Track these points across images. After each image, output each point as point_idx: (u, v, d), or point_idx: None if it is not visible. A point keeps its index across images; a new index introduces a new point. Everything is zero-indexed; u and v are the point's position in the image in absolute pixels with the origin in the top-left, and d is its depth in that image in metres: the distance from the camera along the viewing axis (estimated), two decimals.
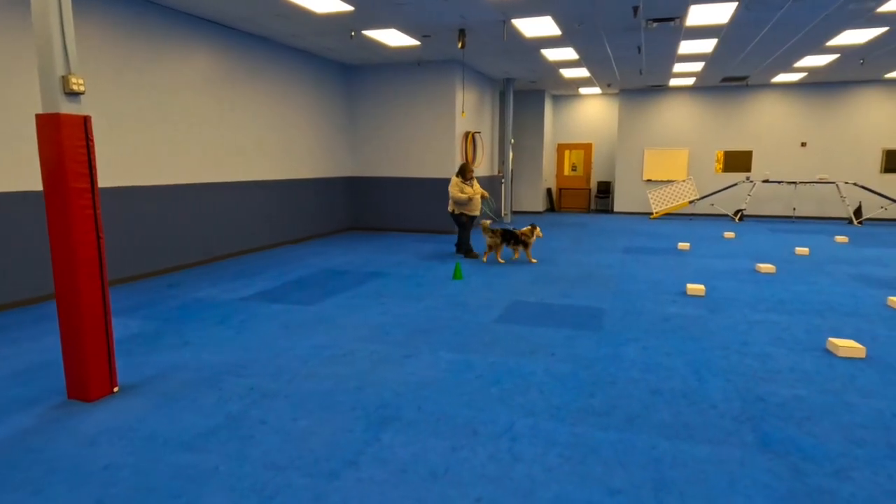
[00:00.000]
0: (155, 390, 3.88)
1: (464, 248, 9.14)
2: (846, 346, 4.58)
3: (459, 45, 9.01)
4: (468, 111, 12.49)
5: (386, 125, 12.23)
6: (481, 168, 13.51)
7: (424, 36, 9.25)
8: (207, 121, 8.41)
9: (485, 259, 8.83)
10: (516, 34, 9.10)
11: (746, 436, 3.26)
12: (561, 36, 9.25)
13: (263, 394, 3.82)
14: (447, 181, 11.89)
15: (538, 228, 8.62)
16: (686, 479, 2.81)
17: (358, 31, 8.90)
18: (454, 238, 11.40)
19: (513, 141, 14.71)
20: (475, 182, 9.05)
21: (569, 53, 10.73)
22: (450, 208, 9.06)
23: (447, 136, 11.86)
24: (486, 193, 9.22)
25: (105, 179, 6.79)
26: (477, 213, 9.08)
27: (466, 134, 12.37)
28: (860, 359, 4.51)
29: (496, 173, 14.95)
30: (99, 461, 2.98)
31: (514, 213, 16.51)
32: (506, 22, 8.31)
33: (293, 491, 2.71)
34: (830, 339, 4.79)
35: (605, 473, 2.86)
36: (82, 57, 6.11)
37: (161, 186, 7.67)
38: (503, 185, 14.63)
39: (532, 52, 10.61)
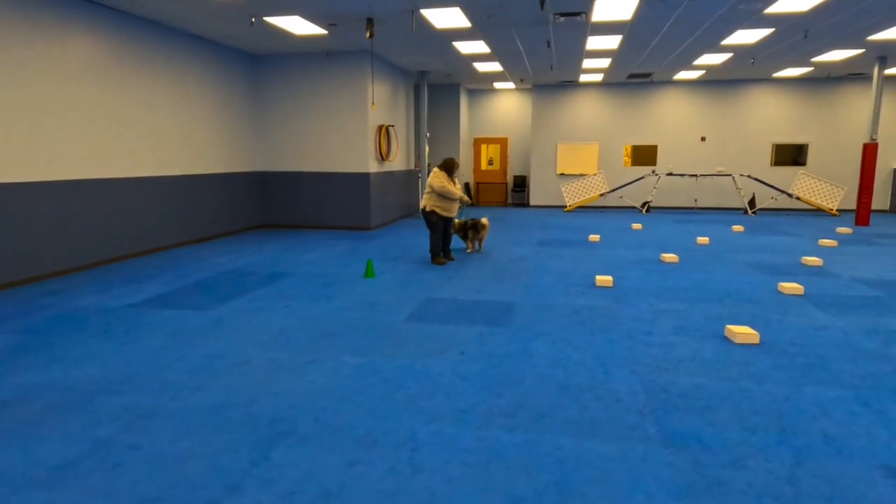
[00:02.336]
0: (8, 418, 3.39)
1: (434, 252, 8.08)
2: (742, 332, 4.75)
3: (367, 34, 8.71)
4: (381, 104, 12.19)
5: (296, 118, 11.72)
6: (397, 162, 13.27)
7: (331, 24, 8.87)
8: (90, 111, 7.65)
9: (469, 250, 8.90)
10: (426, 25, 8.91)
11: (650, 429, 3.24)
12: (471, 28, 9.16)
13: (140, 413, 3.43)
14: (361, 176, 11.59)
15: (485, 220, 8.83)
16: (589, 479, 2.74)
17: (259, 18, 8.39)
18: (370, 234, 11.12)
19: (428, 135, 14.56)
20: (458, 182, 8.30)
21: (481, 47, 10.67)
22: (423, 204, 8.00)
23: (359, 129, 11.52)
24: (466, 198, 8.24)
25: None
26: (453, 214, 8.14)
27: (380, 127, 12.08)
28: (755, 344, 4.69)
29: (413, 167, 14.75)
30: None
31: None
32: (414, 12, 8.10)
33: None
34: (728, 326, 4.95)
35: (509, 480, 2.73)
36: None
37: (34, 184, 6.89)
38: (420, 180, 14.45)
39: (444, 44, 10.47)
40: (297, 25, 8.94)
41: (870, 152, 12.44)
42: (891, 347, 4.61)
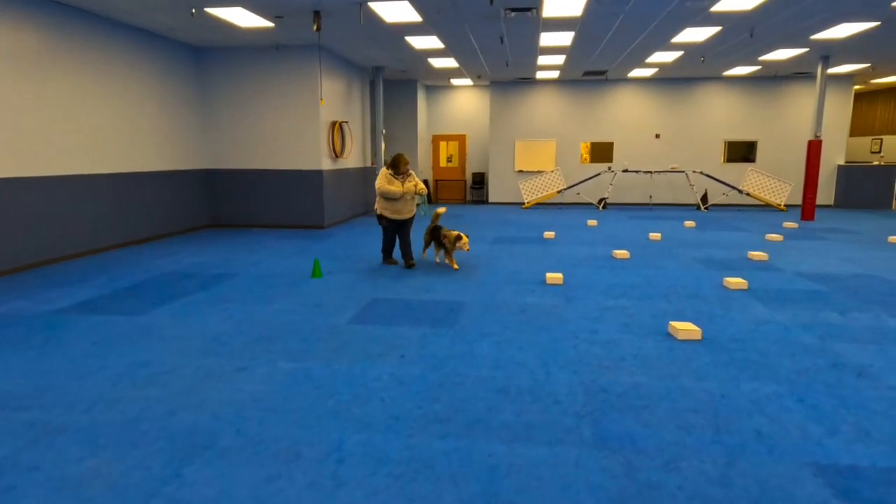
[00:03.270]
0: None
1: (385, 252, 7.77)
2: (685, 329, 4.74)
3: (315, 27, 8.47)
4: (334, 99, 11.93)
5: (245, 113, 11.36)
6: (351, 159, 13.03)
7: (277, 17, 8.59)
8: (16, 105, 7.20)
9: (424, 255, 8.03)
10: (376, 19, 8.72)
11: (585, 432, 3.17)
12: (422, 23, 9.00)
13: (47, 429, 3.18)
14: (314, 173, 11.32)
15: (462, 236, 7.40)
16: (518, 488, 2.64)
17: (199, 9, 8.06)
18: (323, 233, 10.87)
19: (384, 131, 14.34)
20: (413, 178, 7.48)
21: (434, 42, 10.53)
22: (375, 207, 7.59)
23: (312, 125, 11.24)
24: (424, 189, 7.48)
25: None
26: (408, 216, 7.48)
27: (333, 123, 11.82)
28: (697, 341, 4.69)
29: (369, 165, 14.52)
30: None
31: None
32: (362, 5, 7.90)
33: None
34: (672, 322, 4.94)
35: (435, 492, 2.61)
36: None
37: None
38: (376, 177, 14.21)
39: (397, 39, 10.29)
40: (241, 17, 8.63)
41: (814, 149, 12.80)
42: (828, 342, 4.67)
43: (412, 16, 8.55)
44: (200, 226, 11.39)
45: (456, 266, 7.43)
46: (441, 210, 7.87)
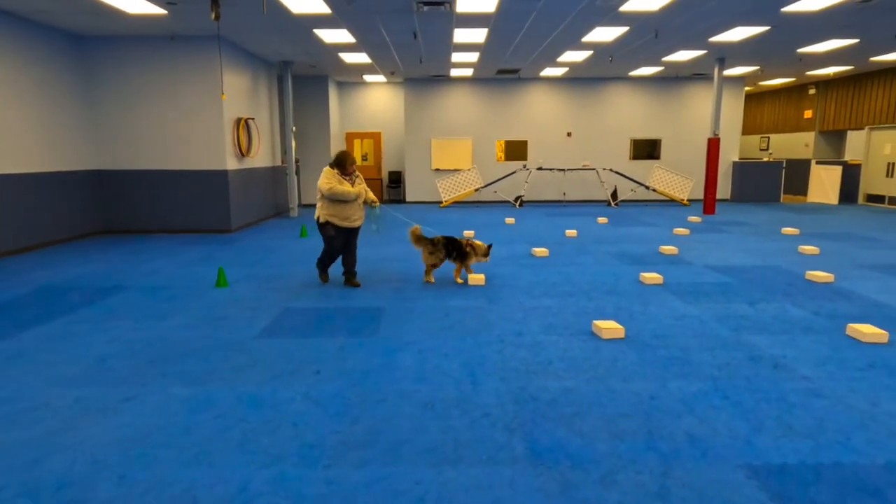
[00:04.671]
0: None
1: (322, 266, 6.68)
2: (608, 328, 4.69)
3: (213, 16, 7.81)
4: (238, 94, 11.21)
5: (138, 109, 10.39)
6: (259, 158, 12.31)
7: (170, 3, 7.86)
8: None
9: (432, 280, 6.65)
10: (282, 9, 8.19)
11: (518, 447, 2.96)
12: (332, 15, 8.57)
13: None
14: (218, 173, 10.57)
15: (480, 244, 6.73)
16: None
17: None
18: (230, 238, 10.15)
19: (294, 129, 13.69)
20: (361, 181, 6.46)
21: (345, 36, 10.10)
22: (316, 213, 6.39)
23: (214, 122, 10.47)
24: (375, 199, 6.56)
25: None
26: (358, 223, 6.46)
27: (238, 120, 11.09)
28: (621, 339, 4.64)
29: (280, 164, 13.82)
30: None
31: (304, 206, 15.52)
32: None
33: None
34: (595, 321, 4.88)
35: None
36: None
37: None
38: (287, 176, 13.56)
39: (305, 32, 9.77)
40: (128, 2, 7.83)
41: (713, 146, 13.52)
42: (742, 334, 4.78)
43: (320, 7, 8.10)
44: (89, 233, 10.32)
45: (469, 276, 6.68)
46: (418, 227, 6.73)
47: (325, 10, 8.26)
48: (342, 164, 6.28)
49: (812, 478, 2.69)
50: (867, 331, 4.57)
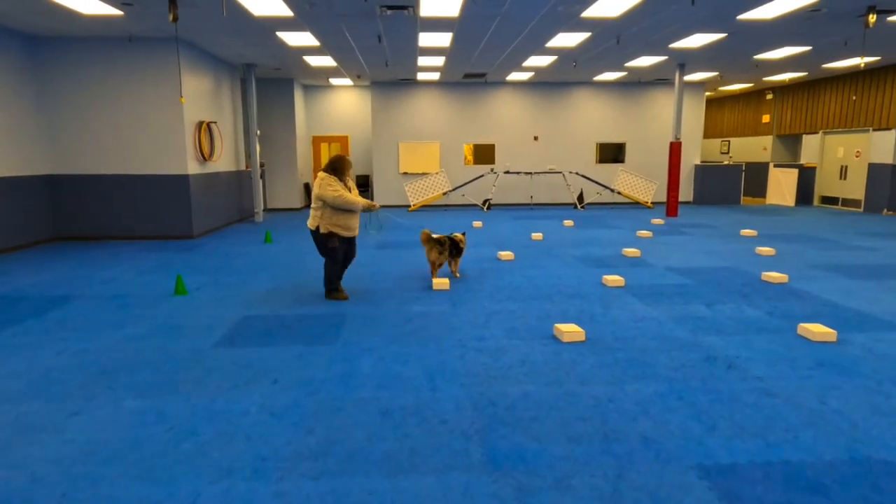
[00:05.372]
0: None
1: (332, 285, 6.09)
2: (569, 331, 4.72)
3: (171, 17, 7.63)
4: (200, 98, 10.99)
5: (95, 112, 10.10)
6: (223, 162, 12.10)
7: (126, 3, 7.67)
8: None
9: (434, 278, 6.72)
10: (242, 11, 8.06)
11: (474, 453, 2.96)
12: (294, 18, 8.47)
13: None
14: (179, 178, 10.35)
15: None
16: None
17: None
18: (192, 244, 9.93)
19: (259, 132, 13.49)
20: (353, 187, 6.11)
21: (308, 39, 9.99)
22: (313, 224, 5.91)
23: (174, 125, 10.24)
24: (374, 204, 6.14)
25: None
26: (357, 232, 6.16)
27: (200, 124, 10.88)
28: (581, 342, 4.68)
29: (244, 168, 13.60)
30: None
31: (270, 210, 15.31)
32: None
33: None
34: (556, 325, 4.91)
35: None
36: None
37: None
38: (252, 181, 13.35)
39: (267, 34, 9.64)
40: (83, 3, 7.61)
41: (675, 150, 13.79)
42: (699, 335, 4.86)
43: (282, 10, 8.00)
44: (43, 240, 9.98)
45: (458, 275, 7.16)
46: (427, 230, 7.00)
47: (287, 12, 8.16)
48: (342, 170, 5.86)
49: (760, 476, 2.74)
50: (817, 330, 4.71)
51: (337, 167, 5.87)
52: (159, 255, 8.79)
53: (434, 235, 6.93)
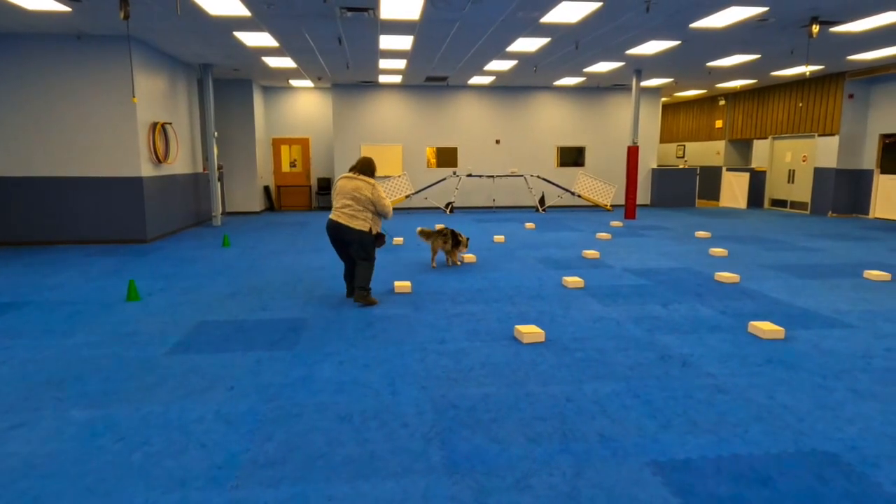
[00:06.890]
0: None
1: (364, 288, 5.93)
2: (529, 332, 4.77)
3: (122, 15, 7.41)
4: (154, 98, 10.69)
5: (40, 112, 9.70)
6: (179, 164, 11.79)
7: (74, 0, 7.41)
8: None
9: (434, 265, 8.00)
10: (197, 10, 7.88)
11: (434, 456, 2.95)
12: (252, 18, 8.33)
13: None
14: (132, 180, 10.04)
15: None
16: None
17: None
18: (146, 248, 9.64)
19: (216, 134, 13.21)
20: None
21: (267, 39, 9.84)
22: (364, 226, 5.83)
23: (127, 126, 9.93)
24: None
25: None
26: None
27: (154, 125, 10.58)
28: (541, 343, 4.74)
29: (201, 171, 13.28)
30: None
31: (229, 214, 14.99)
32: None
33: None
34: (517, 326, 4.96)
35: None
36: None
37: None
38: (210, 183, 13.04)
39: (224, 34, 9.45)
40: None
41: (633, 154, 14.11)
42: (655, 334, 4.98)
43: (239, 9, 7.86)
44: None
45: (459, 263, 8.14)
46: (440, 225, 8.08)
47: (245, 12, 8.02)
48: (371, 170, 5.98)
49: (712, 470, 2.82)
50: (766, 328, 4.88)
51: (370, 170, 5.96)
52: (111, 260, 8.50)
53: (444, 228, 8.01)
